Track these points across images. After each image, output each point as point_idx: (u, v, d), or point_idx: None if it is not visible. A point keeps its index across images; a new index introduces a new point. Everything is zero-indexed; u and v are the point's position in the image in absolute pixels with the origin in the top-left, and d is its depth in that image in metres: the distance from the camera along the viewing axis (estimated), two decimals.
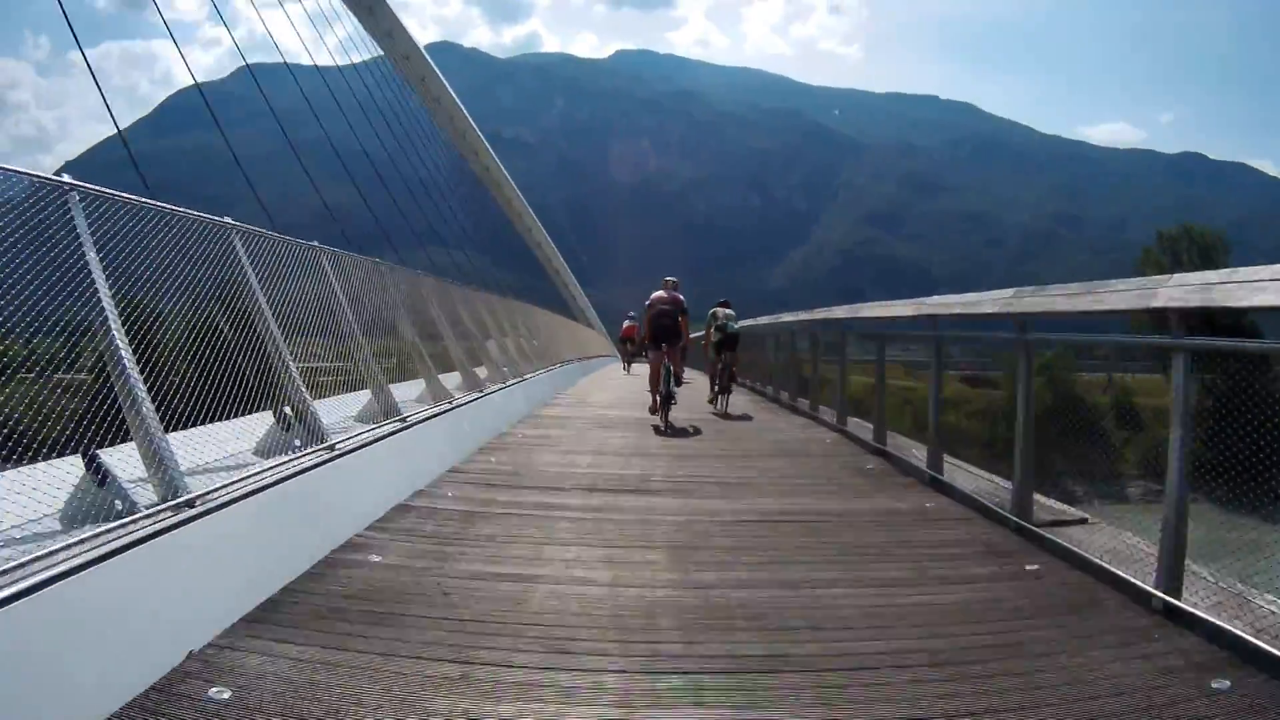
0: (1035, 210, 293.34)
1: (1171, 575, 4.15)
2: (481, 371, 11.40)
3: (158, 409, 3.78)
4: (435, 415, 8.10)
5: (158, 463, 3.72)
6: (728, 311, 15.07)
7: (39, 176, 3.52)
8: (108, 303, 3.55)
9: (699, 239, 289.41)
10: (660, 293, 12.58)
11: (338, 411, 6.46)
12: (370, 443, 6.16)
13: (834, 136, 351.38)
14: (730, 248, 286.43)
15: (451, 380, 9.80)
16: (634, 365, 25.88)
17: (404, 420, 7.18)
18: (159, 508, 3.68)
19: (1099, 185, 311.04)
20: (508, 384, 12.58)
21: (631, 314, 22.89)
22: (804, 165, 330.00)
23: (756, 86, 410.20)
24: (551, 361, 19.78)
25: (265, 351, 5.11)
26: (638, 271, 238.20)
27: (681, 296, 12.70)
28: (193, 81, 13.54)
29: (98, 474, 3.54)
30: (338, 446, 5.68)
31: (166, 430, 3.91)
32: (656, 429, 11.59)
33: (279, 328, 5.27)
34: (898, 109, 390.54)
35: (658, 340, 12.31)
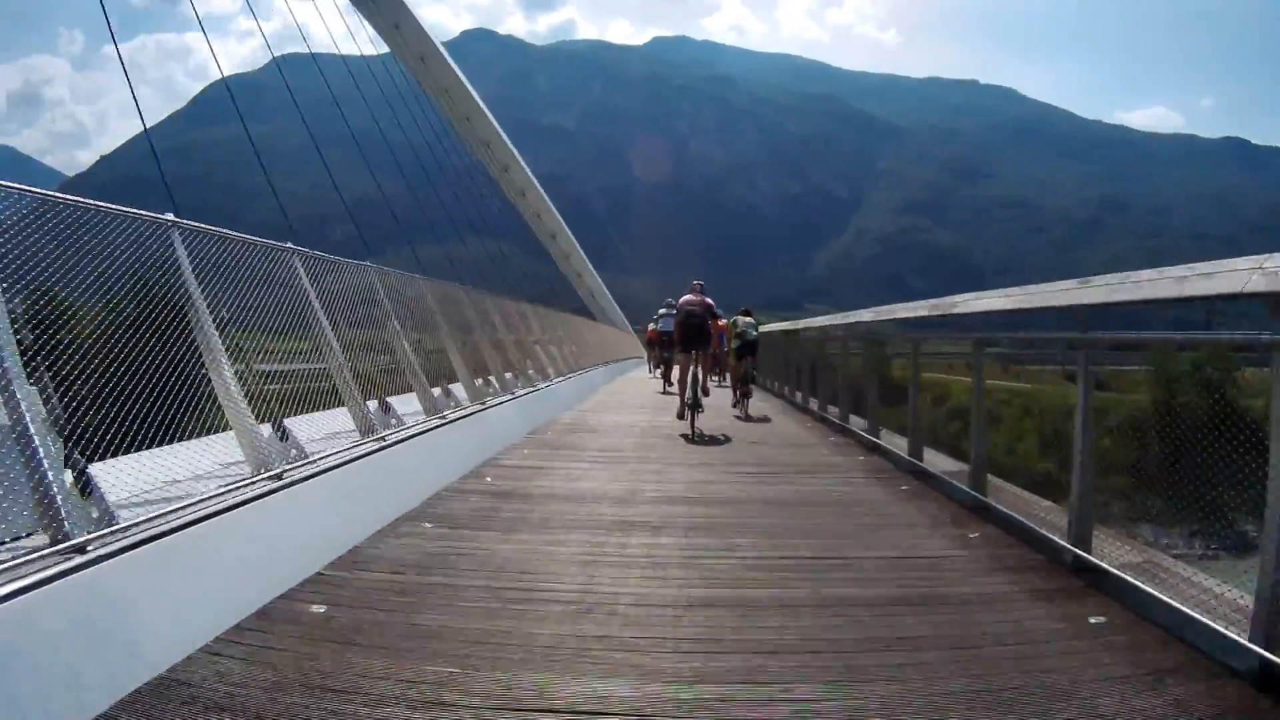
0: (1078, 196, 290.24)
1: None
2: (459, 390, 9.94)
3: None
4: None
5: None
6: (748, 320, 15.06)
7: None
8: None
9: (737, 226, 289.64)
10: (689, 296, 12.17)
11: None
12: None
13: (873, 122, 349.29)
14: (769, 235, 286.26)
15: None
16: (659, 369, 24.49)
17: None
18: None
19: (1140, 171, 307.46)
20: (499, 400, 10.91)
21: (659, 313, 21.68)
22: (843, 151, 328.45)
23: (792, 72, 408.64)
24: (559, 370, 17.27)
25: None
26: (675, 259, 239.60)
27: (710, 300, 12.26)
28: (225, 75, 13.42)
29: None
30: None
31: None
32: (685, 437, 10.89)
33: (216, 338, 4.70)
34: (937, 94, 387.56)
35: (686, 345, 11.91)
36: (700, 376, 11.76)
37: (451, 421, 8.19)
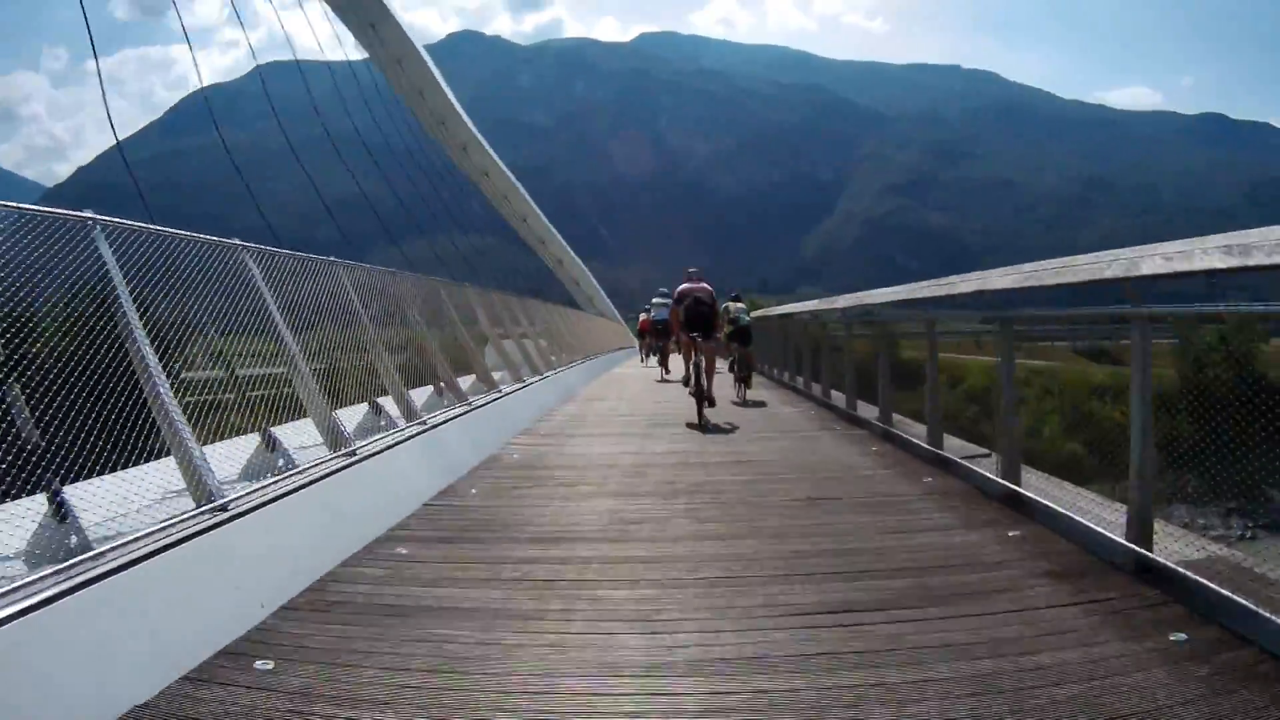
0: (1063, 175, 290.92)
1: None
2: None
3: None
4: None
5: None
6: (739, 305, 14.93)
7: None
8: None
9: (724, 214, 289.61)
10: (688, 284, 12.02)
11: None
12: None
13: (856, 109, 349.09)
14: (757, 222, 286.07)
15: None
16: (653, 358, 23.64)
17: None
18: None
19: (1123, 149, 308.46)
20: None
21: (653, 301, 21.33)
22: (827, 138, 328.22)
23: (778, 63, 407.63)
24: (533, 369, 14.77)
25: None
26: (664, 249, 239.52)
27: (709, 286, 12.14)
28: (204, 84, 13.38)
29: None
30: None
31: None
32: (692, 425, 10.76)
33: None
34: (920, 80, 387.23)
35: (693, 329, 11.66)
36: (707, 363, 11.43)
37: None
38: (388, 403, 7.44)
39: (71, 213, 3.87)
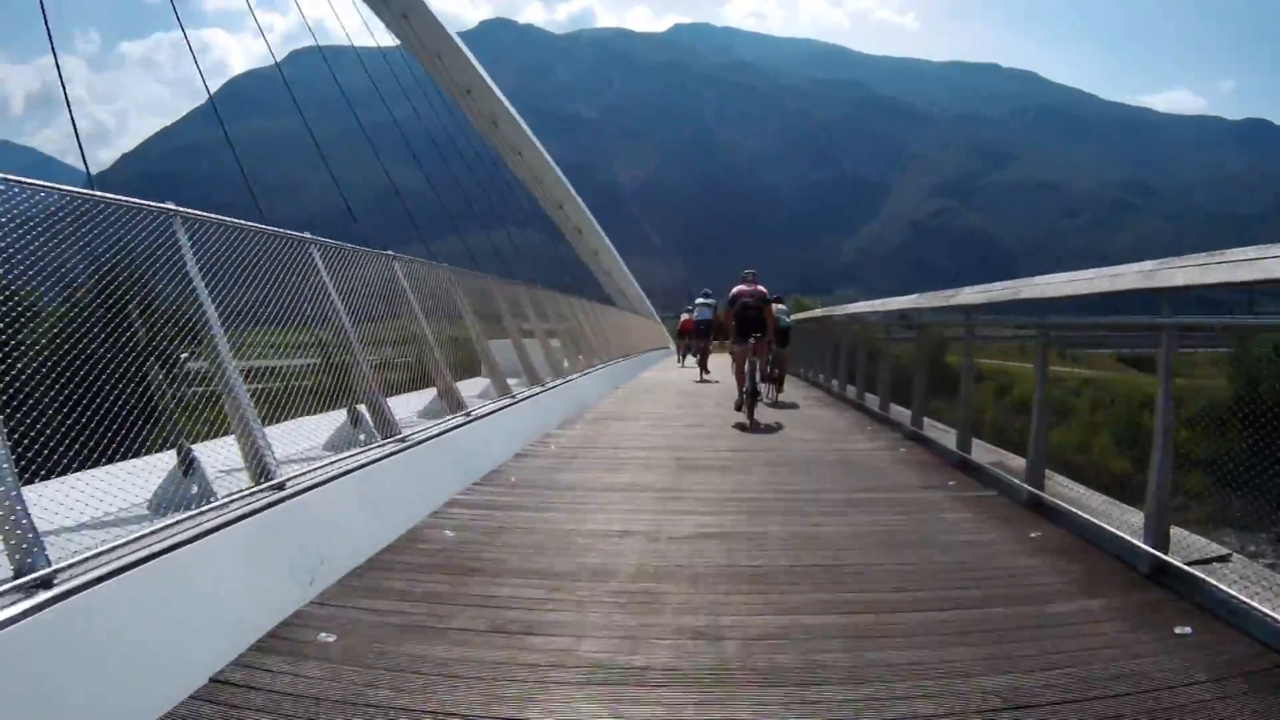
0: (1104, 178, 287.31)
1: None
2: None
3: None
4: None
5: None
6: (780, 307, 14.86)
7: None
8: None
9: (765, 213, 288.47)
10: (742, 285, 12.18)
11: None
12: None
13: (898, 106, 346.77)
14: (798, 221, 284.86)
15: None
16: (690, 359, 23.24)
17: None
18: None
19: (1166, 153, 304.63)
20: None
21: (696, 302, 21.31)
22: (870, 136, 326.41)
23: (814, 58, 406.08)
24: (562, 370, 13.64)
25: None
26: (703, 247, 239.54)
27: (764, 288, 12.30)
28: (241, 70, 13.50)
29: None
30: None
31: None
32: (742, 427, 10.82)
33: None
34: (959, 78, 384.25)
35: (743, 333, 11.71)
36: (760, 363, 11.76)
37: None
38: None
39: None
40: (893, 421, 10.57)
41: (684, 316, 23.60)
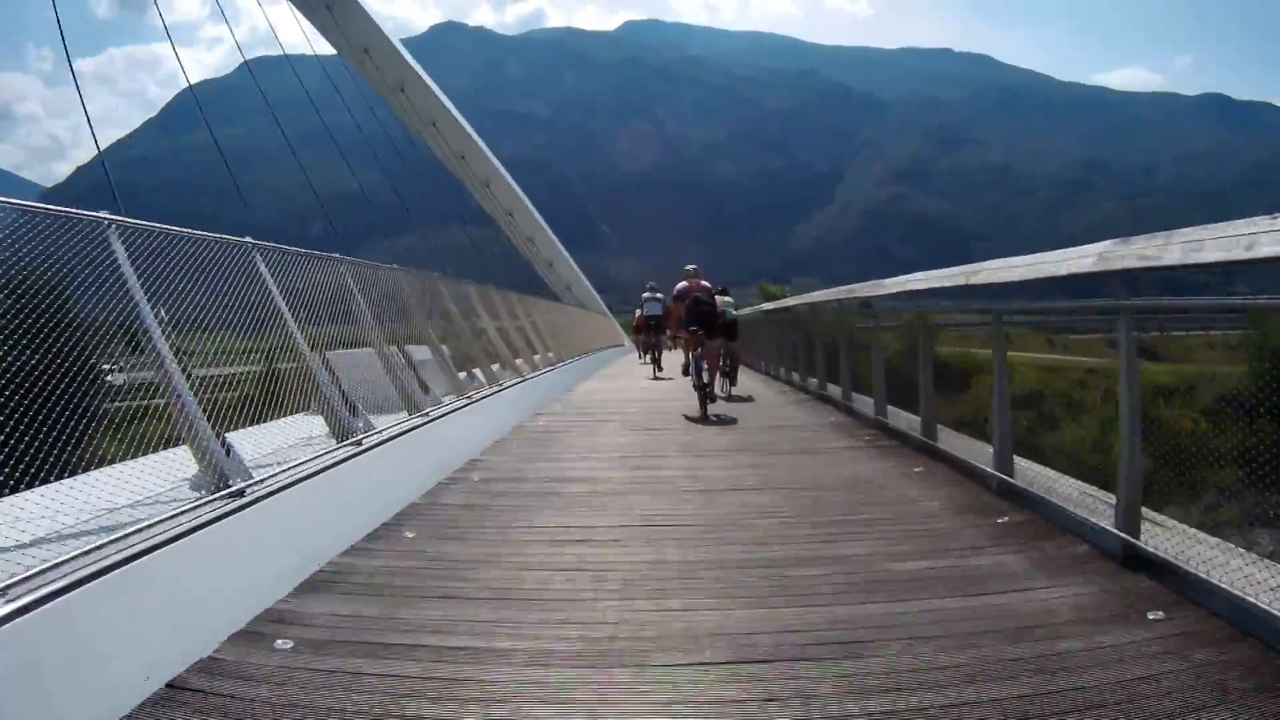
0: (1061, 159, 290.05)
1: None
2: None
3: None
4: None
5: None
6: (726, 300, 14.79)
7: None
8: None
9: (719, 204, 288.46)
10: (687, 283, 12.36)
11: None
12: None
13: (852, 94, 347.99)
14: (752, 211, 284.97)
15: None
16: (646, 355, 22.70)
17: None
18: None
19: (1123, 131, 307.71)
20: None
21: (644, 297, 21.12)
22: (824, 125, 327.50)
23: (766, 49, 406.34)
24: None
25: None
26: (660, 241, 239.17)
27: (708, 283, 12.66)
28: (193, 82, 13.32)
29: None
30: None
31: None
32: (693, 419, 11.30)
33: None
34: (912, 64, 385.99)
35: (696, 327, 11.96)
36: (711, 364, 12.01)
37: None
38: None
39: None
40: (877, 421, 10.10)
41: (637, 313, 23.31)
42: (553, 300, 28.12)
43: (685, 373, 12.54)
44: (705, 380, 11.60)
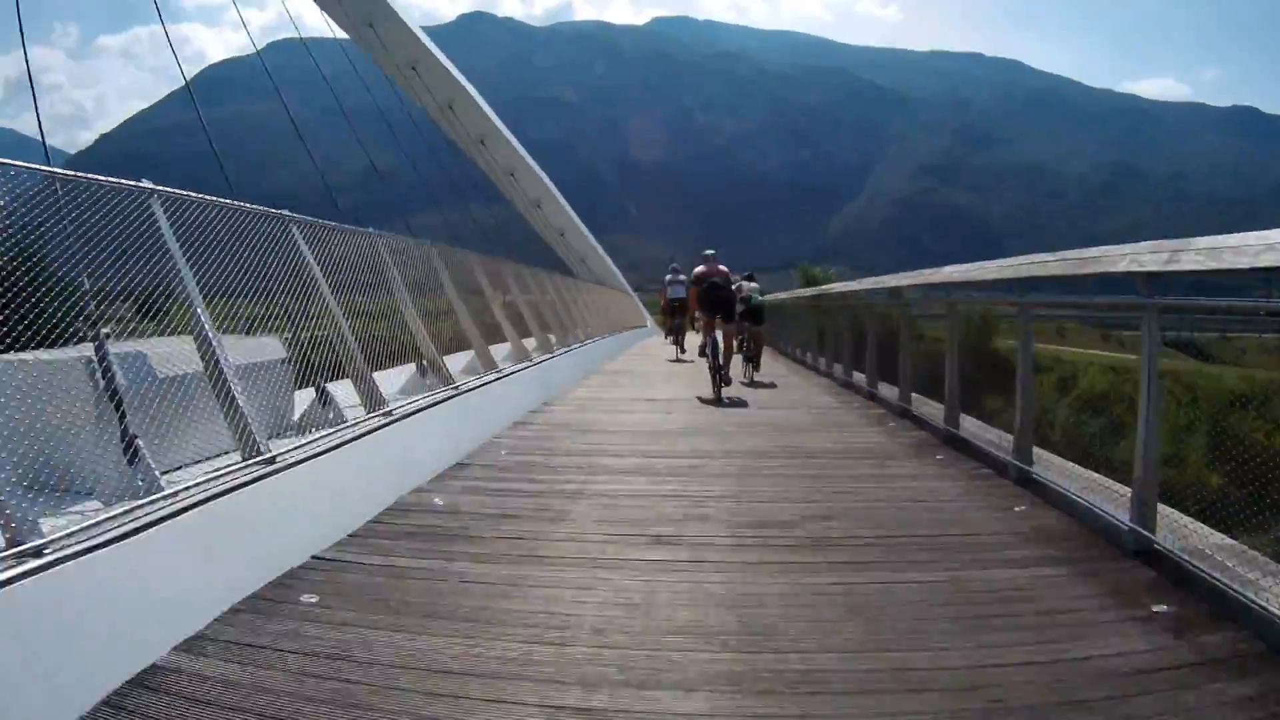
0: (1092, 162, 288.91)
1: None
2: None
3: None
4: None
5: None
6: (752, 285, 14.82)
7: None
8: None
9: (747, 192, 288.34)
10: (704, 267, 12.42)
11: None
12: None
13: (881, 92, 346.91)
14: (781, 199, 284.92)
15: None
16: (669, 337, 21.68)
17: None
18: None
19: (1153, 139, 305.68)
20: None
21: (667, 278, 20.86)
22: (852, 120, 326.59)
23: (797, 47, 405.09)
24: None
25: None
26: (685, 224, 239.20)
27: (725, 268, 12.66)
28: (220, 59, 13.39)
29: None
30: None
31: None
32: (710, 403, 11.13)
33: None
34: (942, 66, 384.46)
35: (713, 313, 12.04)
36: (726, 344, 11.93)
37: None
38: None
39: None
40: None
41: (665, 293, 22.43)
42: (565, 275, 24.61)
43: (702, 354, 12.47)
44: (721, 363, 11.58)
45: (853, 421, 9.58)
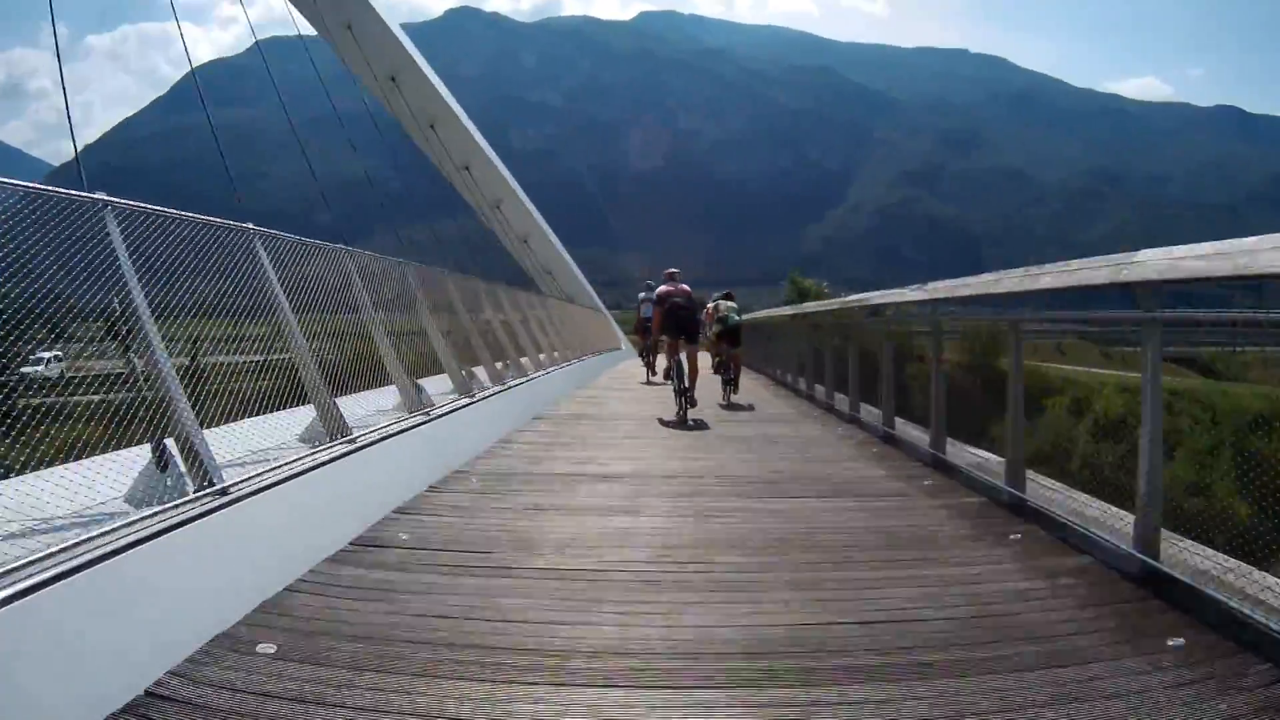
0: (1074, 167, 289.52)
1: None
2: None
3: None
4: None
5: None
6: (730, 304, 14.53)
7: None
8: None
9: (730, 200, 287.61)
10: (667, 286, 12.29)
11: None
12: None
13: (866, 93, 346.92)
14: (762, 209, 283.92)
15: None
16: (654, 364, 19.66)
17: None
18: None
19: (1136, 141, 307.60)
20: None
21: (640, 295, 19.85)
22: (837, 123, 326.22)
23: (783, 44, 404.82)
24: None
25: None
26: (668, 234, 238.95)
27: (688, 287, 12.43)
28: (206, 60, 13.19)
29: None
30: None
31: None
32: (670, 424, 11.01)
33: None
34: (928, 63, 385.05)
35: (677, 333, 11.96)
36: (691, 367, 11.66)
37: None
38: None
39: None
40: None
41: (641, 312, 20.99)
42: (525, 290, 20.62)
43: (665, 377, 12.40)
44: (686, 385, 11.44)
45: (836, 454, 8.87)
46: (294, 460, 4.97)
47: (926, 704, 2.96)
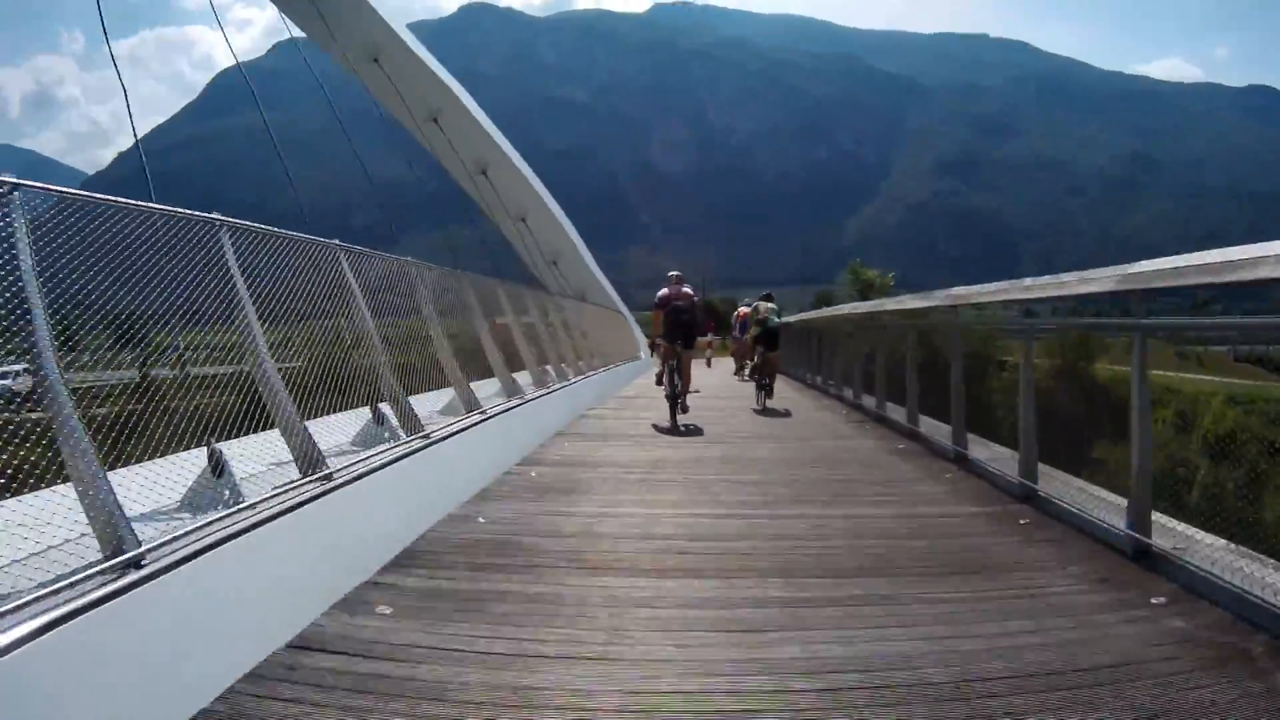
0: (1109, 153, 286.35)
1: None
2: None
3: None
4: None
5: None
6: (770, 306, 14.22)
7: None
8: None
9: (765, 195, 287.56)
10: (667, 290, 12.15)
11: None
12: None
13: (893, 80, 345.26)
14: (797, 203, 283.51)
15: None
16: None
17: None
18: None
19: (1169, 124, 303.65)
20: None
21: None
22: (867, 112, 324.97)
23: (801, 32, 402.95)
24: None
25: None
26: (702, 232, 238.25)
27: (690, 290, 12.45)
28: (232, 63, 13.22)
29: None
30: None
31: None
32: (662, 429, 11.07)
33: None
34: (950, 49, 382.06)
35: (674, 338, 11.91)
36: (685, 373, 11.90)
37: None
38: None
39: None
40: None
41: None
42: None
43: (659, 382, 12.36)
44: (679, 392, 11.52)
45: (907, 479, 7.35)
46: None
47: None
